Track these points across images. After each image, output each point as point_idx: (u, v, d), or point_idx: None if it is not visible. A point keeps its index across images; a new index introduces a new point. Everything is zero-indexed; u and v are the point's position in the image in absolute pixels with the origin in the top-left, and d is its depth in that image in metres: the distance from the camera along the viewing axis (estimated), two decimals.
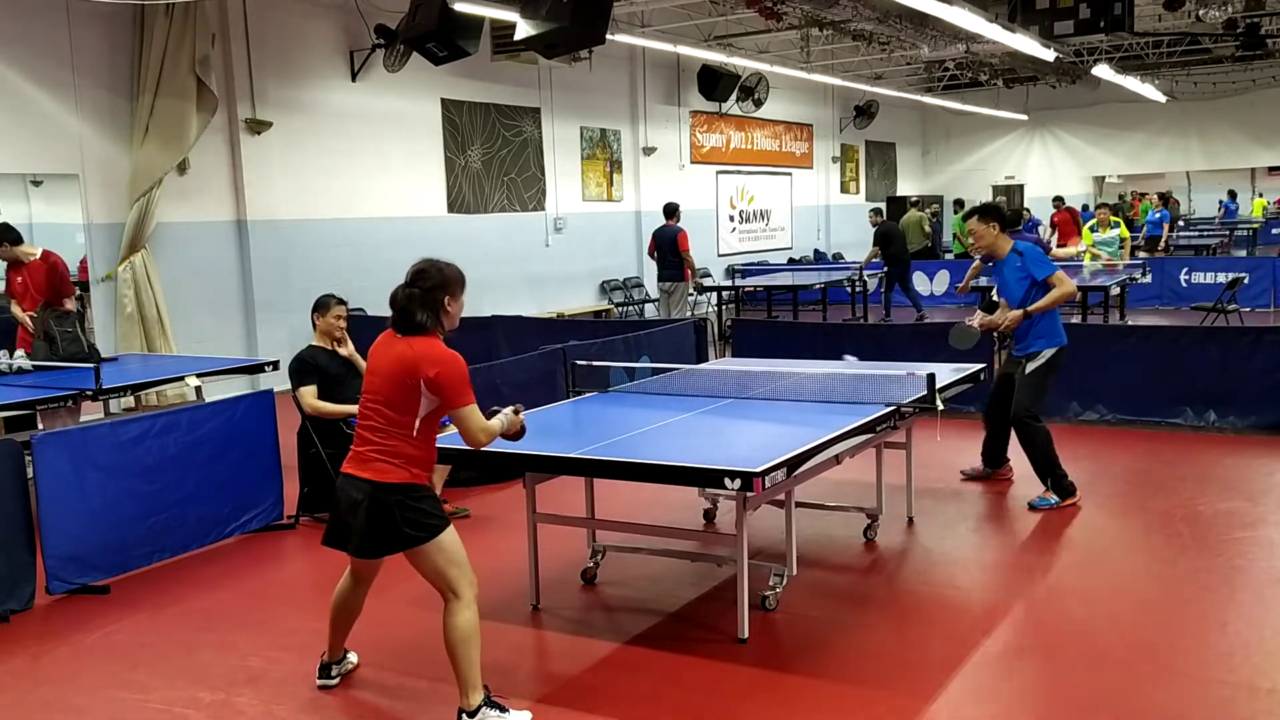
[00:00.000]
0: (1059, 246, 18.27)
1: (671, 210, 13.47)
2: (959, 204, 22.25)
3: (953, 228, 20.42)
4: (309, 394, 6.35)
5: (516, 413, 4.10)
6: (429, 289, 3.94)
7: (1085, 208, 26.43)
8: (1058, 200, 20.64)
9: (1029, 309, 6.51)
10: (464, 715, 3.87)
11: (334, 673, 4.36)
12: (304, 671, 4.46)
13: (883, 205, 23.75)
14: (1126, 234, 15.14)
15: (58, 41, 9.82)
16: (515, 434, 4.12)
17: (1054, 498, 6.54)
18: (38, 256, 7.92)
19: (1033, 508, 6.51)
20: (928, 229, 19.93)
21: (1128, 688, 4.12)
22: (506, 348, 10.12)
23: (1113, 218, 14.93)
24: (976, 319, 6.76)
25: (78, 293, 8.48)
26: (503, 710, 3.92)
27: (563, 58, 12.62)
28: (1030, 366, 6.59)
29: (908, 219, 19.65)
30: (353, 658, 4.49)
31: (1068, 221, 19.07)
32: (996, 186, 28.18)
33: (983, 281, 10.50)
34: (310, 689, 4.32)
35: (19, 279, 7.88)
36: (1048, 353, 6.58)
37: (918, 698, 4.06)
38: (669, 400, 5.86)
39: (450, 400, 3.84)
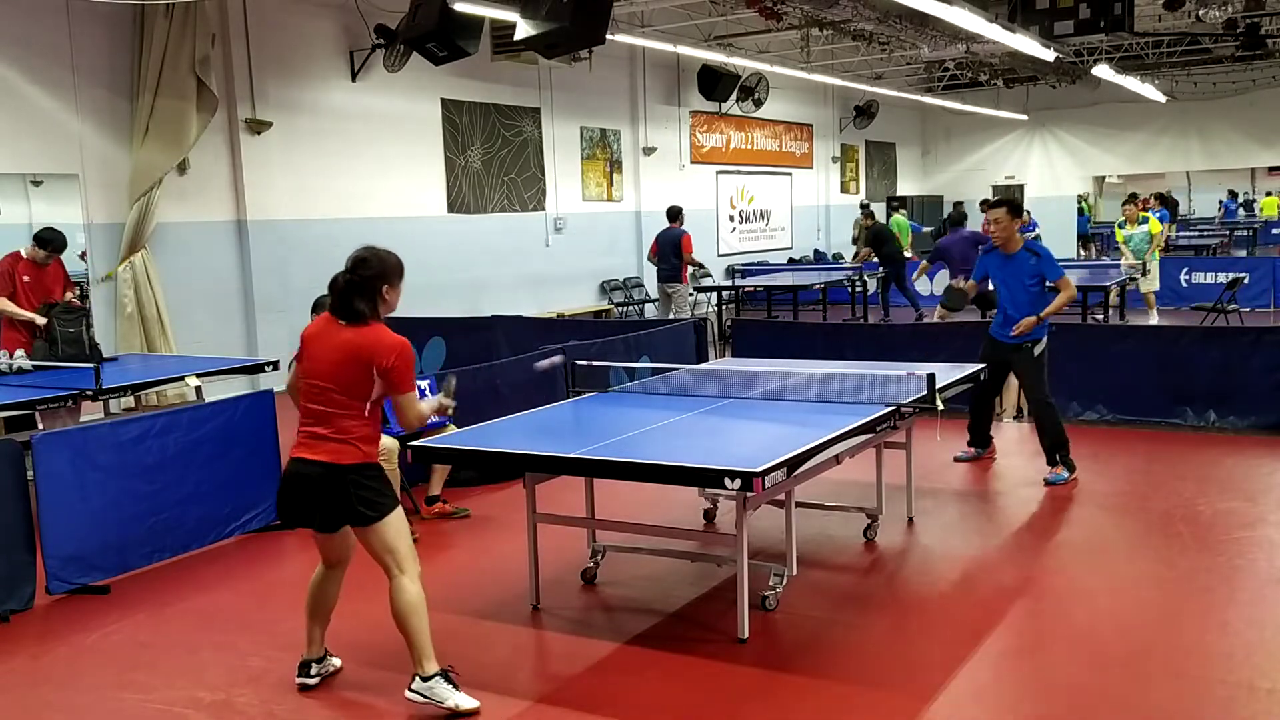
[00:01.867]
0: None
1: (675, 213, 13.50)
2: (893, 202, 22.22)
3: (892, 227, 20.75)
4: None
5: (448, 393, 4.39)
6: (368, 277, 4.05)
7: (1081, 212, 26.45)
8: (985, 203, 20.67)
9: (1041, 314, 7.02)
10: (418, 679, 4.04)
11: (314, 671, 4.35)
12: None
13: (881, 204, 23.79)
14: (1158, 228, 15.05)
15: (58, 41, 9.82)
16: (441, 410, 4.38)
17: (1065, 473, 7.05)
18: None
19: (1050, 484, 7.00)
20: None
21: (1128, 688, 4.12)
22: (506, 348, 10.11)
23: (1141, 212, 14.88)
24: (960, 281, 7.41)
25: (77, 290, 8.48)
26: (455, 687, 4.04)
27: (563, 58, 12.62)
28: (1036, 350, 7.10)
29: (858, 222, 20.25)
30: (335, 661, 4.46)
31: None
32: (996, 186, 28.15)
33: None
34: (311, 689, 4.32)
35: (26, 277, 7.85)
36: (1044, 339, 7.18)
37: (918, 698, 4.06)
38: (669, 400, 5.86)
39: (397, 387, 4.03)
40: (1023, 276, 7.06)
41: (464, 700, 4.02)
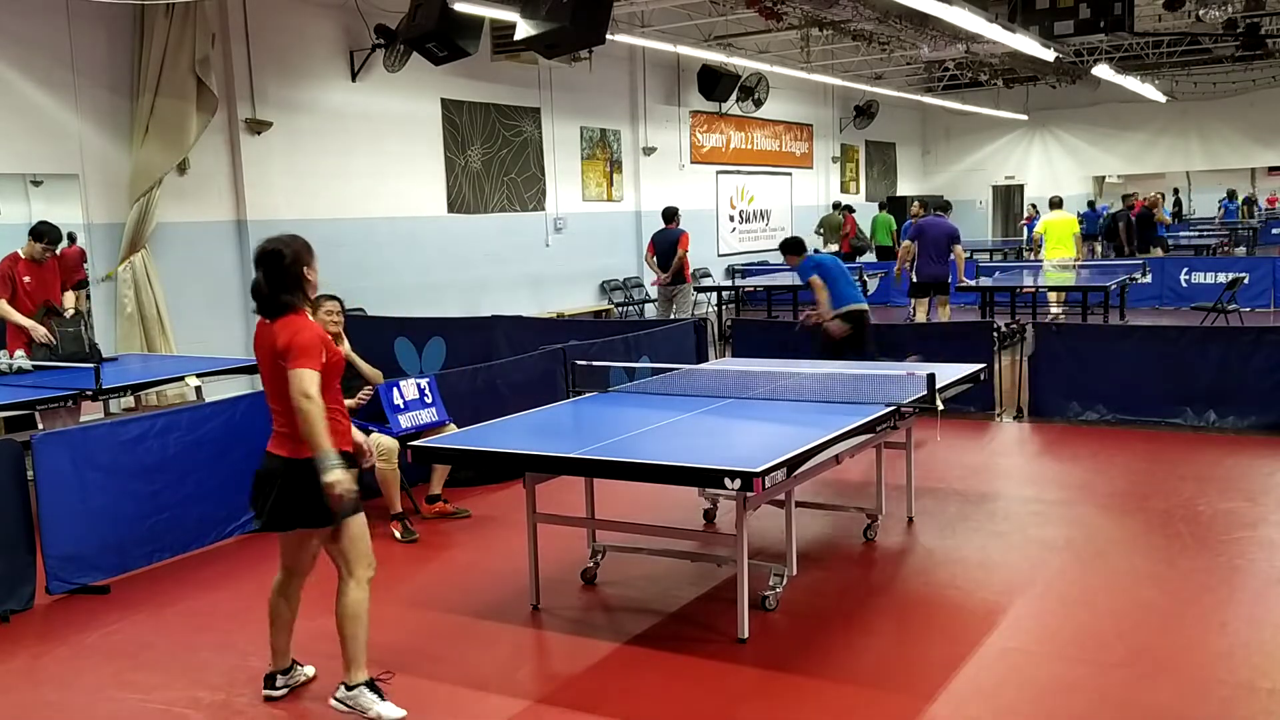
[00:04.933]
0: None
1: (671, 214, 13.46)
2: (883, 205, 22.49)
3: (872, 226, 21.49)
4: None
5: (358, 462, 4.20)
6: (286, 265, 3.99)
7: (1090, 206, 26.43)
8: (848, 208, 21.18)
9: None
10: (343, 687, 4.03)
11: (279, 684, 4.26)
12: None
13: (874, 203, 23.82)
14: (1042, 229, 15.54)
15: (58, 41, 9.82)
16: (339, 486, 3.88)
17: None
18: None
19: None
20: (846, 231, 21.08)
21: (1128, 688, 4.12)
22: (506, 348, 10.11)
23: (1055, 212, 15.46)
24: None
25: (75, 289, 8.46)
26: (380, 697, 4.03)
27: (563, 58, 12.62)
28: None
29: (828, 220, 20.97)
30: (308, 670, 4.38)
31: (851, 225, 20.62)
32: (996, 186, 28.17)
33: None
34: (311, 689, 4.32)
35: (28, 278, 7.83)
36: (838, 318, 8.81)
37: (918, 698, 4.07)
38: (669, 400, 5.86)
39: (287, 360, 3.88)
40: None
41: (388, 710, 3.99)
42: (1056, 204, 15.87)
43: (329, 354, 4.00)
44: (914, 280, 12.71)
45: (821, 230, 21.27)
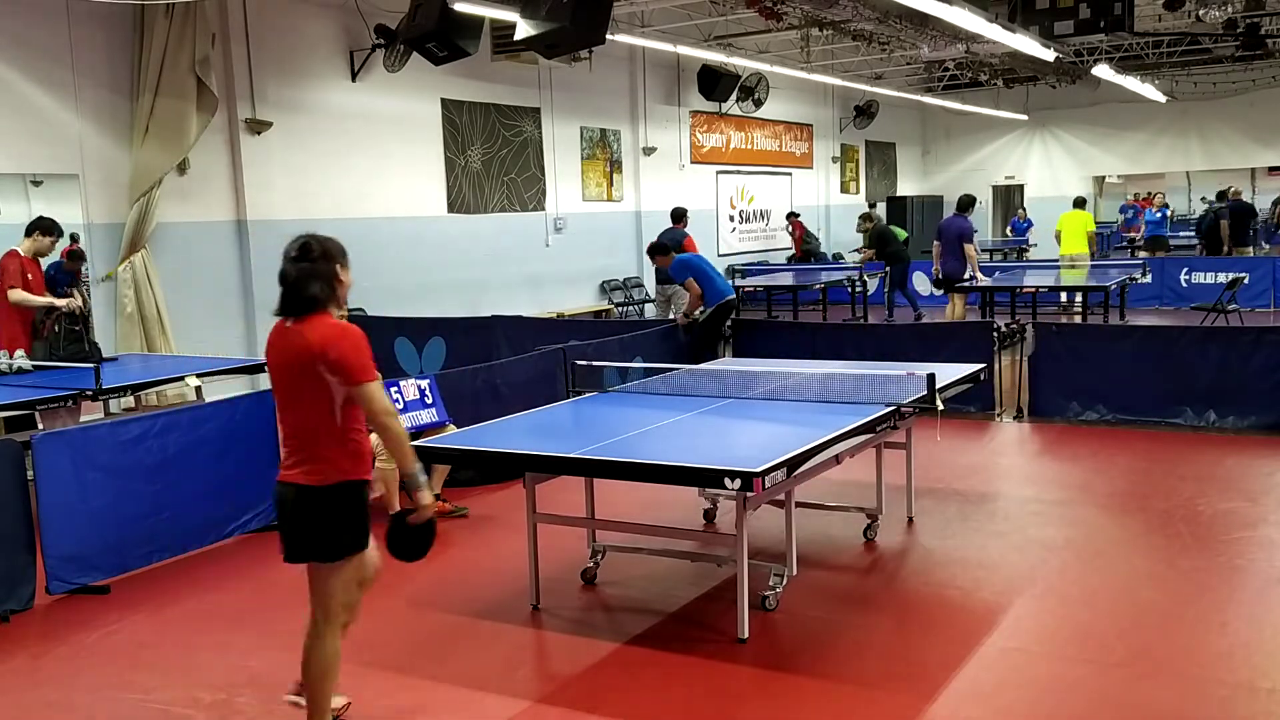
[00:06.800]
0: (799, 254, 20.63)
1: (679, 215, 13.45)
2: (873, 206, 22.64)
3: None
4: None
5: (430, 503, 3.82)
6: (319, 259, 3.68)
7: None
8: (794, 213, 21.32)
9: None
10: None
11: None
12: None
13: (880, 206, 23.82)
14: (1059, 226, 16.22)
15: (58, 41, 9.81)
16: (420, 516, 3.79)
17: None
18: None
19: None
20: (795, 235, 21.34)
21: (1128, 688, 4.12)
22: (506, 348, 10.12)
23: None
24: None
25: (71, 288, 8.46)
26: None
27: (563, 58, 12.62)
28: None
29: (866, 216, 21.13)
30: (337, 701, 4.01)
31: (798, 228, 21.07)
32: (996, 186, 28.14)
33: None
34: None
35: (29, 275, 7.84)
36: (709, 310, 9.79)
37: (918, 698, 4.07)
38: (669, 400, 5.86)
39: (349, 377, 3.53)
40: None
41: None
42: (1079, 204, 16.55)
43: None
44: (938, 277, 13.62)
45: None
